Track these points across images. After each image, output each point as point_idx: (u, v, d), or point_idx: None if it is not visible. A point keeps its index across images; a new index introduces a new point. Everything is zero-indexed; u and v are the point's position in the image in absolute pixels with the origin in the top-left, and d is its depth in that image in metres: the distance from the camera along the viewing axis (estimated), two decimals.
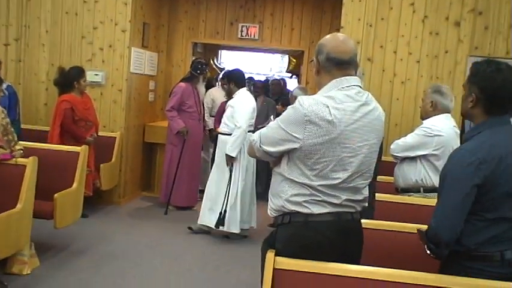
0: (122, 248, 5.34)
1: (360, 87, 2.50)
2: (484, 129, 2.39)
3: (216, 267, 5.07)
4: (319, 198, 2.41)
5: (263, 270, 2.45)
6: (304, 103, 2.36)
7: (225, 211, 5.70)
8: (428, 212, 3.81)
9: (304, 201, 2.42)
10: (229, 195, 5.73)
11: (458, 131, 5.58)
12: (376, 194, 3.71)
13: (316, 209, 2.42)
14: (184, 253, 5.39)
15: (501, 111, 2.42)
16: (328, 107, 2.34)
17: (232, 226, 5.74)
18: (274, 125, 2.47)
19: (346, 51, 2.46)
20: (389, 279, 2.37)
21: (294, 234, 2.46)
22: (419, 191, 4.15)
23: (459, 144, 5.13)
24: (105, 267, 4.84)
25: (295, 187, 2.43)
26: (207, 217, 5.83)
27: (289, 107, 2.45)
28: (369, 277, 2.38)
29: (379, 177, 4.15)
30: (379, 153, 3.80)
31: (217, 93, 7.62)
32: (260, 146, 2.50)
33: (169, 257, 5.25)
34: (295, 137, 2.36)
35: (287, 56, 10.23)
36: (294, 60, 9.61)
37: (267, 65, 13.60)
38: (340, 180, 2.40)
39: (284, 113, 2.46)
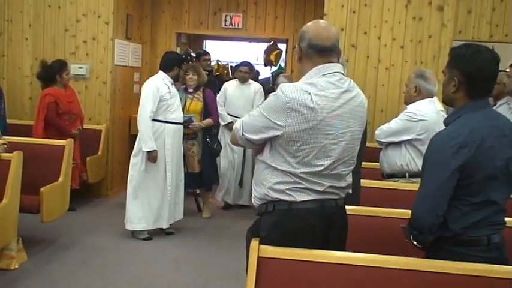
0: (109, 241, 5.33)
1: (342, 74, 2.50)
2: (464, 113, 2.39)
3: (203, 257, 5.08)
4: (302, 186, 2.42)
5: (248, 259, 2.46)
6: (286, 90, 2.36)
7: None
8: (414, 197, 3.89)
9: (287, 189, 2.42)
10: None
11: (445, 115, 5.67)
12: (362, 180, 3.72)
13: (300, 197, 2.42)
14: (171, 244, 5.40)
15: (483, 93, 2.43)
16: (310, 93, 2.34)
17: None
18: (256, 112, 2.46)
19: (328, 38, 2.45)
20: (374, 265, 2.38)
21: (278, 222, 2.46)
22: (404, 176, 4.17)
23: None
24: (93, 260, 4.83)
25: (278, 175, 2.43)
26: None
27: (271, 94, 2.45)
28: (354, 263, 2.39)
29: (365, 163, 4.15)
30: (364, 139, 3.84)
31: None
32: (243, 134, 2.50)
33: (157, 248, 5.25)
34: (277, 124, 2.36)
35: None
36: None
37: (253, 55, 13.55)
38: (323, 167, 2.41)
39: (266, 101, 2.45)
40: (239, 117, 5.19)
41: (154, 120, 5.31)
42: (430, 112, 4.13)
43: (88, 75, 6.86)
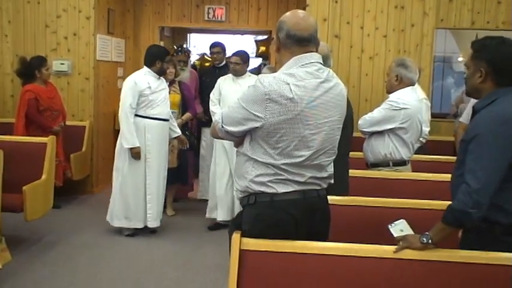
0: (94, 238, 5.30)
1: (321, 63, 2.48)
2: (499, 97, 2.41)
3: (189, 252, 5.06)
4: (284, 177, 2.40)
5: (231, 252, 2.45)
6: (264, 81, 2.34)
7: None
8: (400, 185, 3.91)
9: (269, 181, 2.41)
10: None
11: (429, 103, 5.68)
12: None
13: (281, 188, 2.41)
14: (157, 240, 5.37)
15: (510, 81, 2.45)
16: (288, 84, 2.33)
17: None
18: (235, 104, 2.44)
19: (306, 28, 2.44)
20: (357, 255, 2.39)
21: (260, 214, 2.45)
22: (388, 165, 4.18)
23: (426, 117, 5.21)
24: (79, 257, 4.80)
25: (259, 167, 2.42)
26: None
27: (250, 85, 2.43)
28: (336, 253, 2.40)
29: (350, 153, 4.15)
30: (351, 129, 3.84)
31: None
32: (222, 127, 2.48)
33: (142, 244, 5.22)
34: (256, 115, 2.34)
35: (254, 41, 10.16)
36: (263, 48, 9.59)
37: (239, 48, 13.49)
38: (303, 158, 2.39)
39: (245, 92, 2.43)
40: None
41: (136, 115, 5.24)
42: (412, 100, 4.14)
43: (70, 71, 6.79)
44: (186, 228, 5.76)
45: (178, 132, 5.71)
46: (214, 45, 6.85)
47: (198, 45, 11.89)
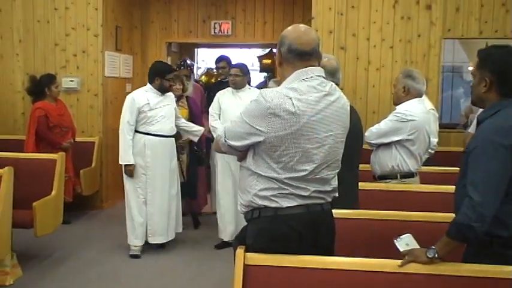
0: (104, 254, 5.32)
1: (324, 77, 2.49)
2: (502, 108, 2.40)
3: (197, 267, 5.05)
4: (287, 191, 2.40)
5: None
6: (267, 96, 2.35)
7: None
8: (407, 198, 3.89)
9: (272, 195, 2.40)
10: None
11: (437, 114, 5.67)
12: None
13: (285, 203, 2.40)
14: (165, 255, 5.35)
15: None
16: (290, 98, 2.33)
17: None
18: (238, 119, 2.45)
19: (307, 43, 2.45)
20: (362, 269, 2.38)
21: (263, 229, 2.45)
22: (396, 177, 4.15)
23: (434, 128, 5.19)
24: (89, 273, 4.82)
25: (263, 181, 2.42)
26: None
27: (252, 99, 2.43)
28: (341, 267, 2.39)
29: None
30: (361, 141, 3.82)
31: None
32: (225, 141, 2.48)
33: (150, 260, 5.22)
34: (258, 130, 2.35)
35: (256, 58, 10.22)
36: (267, 61, 9.65)
37: (247, 61, 13.55)
38: (307, 172, 2.39)
39: (247, 106, 2.44)
40: None
41: (137, 132, 5.26)
42: (419, 112, 4.12)
43: (79, 88, 6.87)
44: (196, 243, 5.75)
45: (197, 132, 5.69)
46: (219, 60, 6.89)
47: (207, 59, 11.97)
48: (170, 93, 5.52)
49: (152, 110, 5.24)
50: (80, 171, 6.38)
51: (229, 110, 5.42)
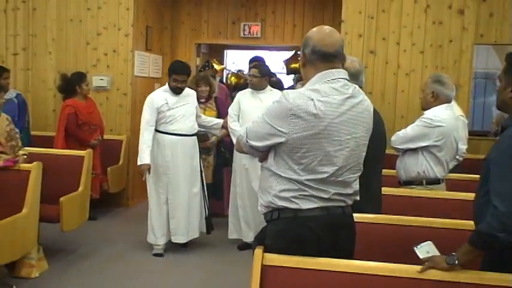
0: (128, 251, 5.37)
1: (347, 79, 2.47)
2: None
3: (217, 269, 5.04)
4: (307, 193, 2.39)
5: None
6: (289, 97, 2.34)
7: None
8: (431, 205, 3.83)
9: (293, 197, 2.39)
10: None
11: (466, 121, 5.57)
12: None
13: (305, 204, 2.39)
14: (187, 255, 5.36)
15: None
16: (312, 100, 2.32)
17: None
18: (260, 119, 2.45)
19: (332, 44, 2.43)
20: (380, 273, 2.35)
21: (283, 230, 2.44)
22: (421, 184, 4.10)
23: (463, 134, 5.11)
24: (113, 269, 4.88)
25: (283, 182, 2.41)
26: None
27: (275, 101, 2.43)
28: (358, 271, 2.36)
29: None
30: (384, 145, 3.77)
31: None
32: (247, 141, 2.49)
33: (173, 259, 5.24)
34: (280, 131, 2.34)
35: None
36: (294, 65, 9.63)
37: (277, 63, 13.53)
38: (328, 174, 2.37)
39: (269, 107, 2.44)
40: None
41: (158, 131, 5.27)
42: (447, 118, 4.06)
43: (109, 86, 6.96)
44: (217, 244, 5.71)
45: (217, 125, 5.66)
46: (253, 60, 6.81)
47: (237, 61, 12.00)
48: (191, 92, 5.48)
49: (171, 110, 5.23)
50: (108, 168, 6.46)
51: (249, 111, 5.33)
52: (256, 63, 5.90)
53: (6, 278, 4.43)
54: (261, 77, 5.41)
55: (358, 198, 2.57)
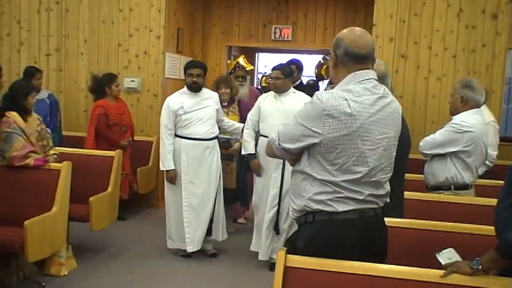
0: (156, 251, 5.41)
1: (377, 80, 2.49)
2: None
3: (239, 274, 5.03)
4: (343, 195, 2.39)
5: None
6: (322, 97, 2.36)
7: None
8: (459, 210, 3.77)
9: (328, 199, 2.40)
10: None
11: (497, 126, 5.48)
12: (405, 192, 3.63)
13: (340, 207, 2.40)
14: (210, 260, 5.34)
15: None
16: (346, 99, 2.34)
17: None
18: (292, 121, 2.46)
19: (364, 46, 2.45)
20: (401, 277, 2.33)
21: (317, 233, 2.44)
22: (450, 189, 4.07)
23: (494, 140, 5.02)
24: (141, 269, 4.93)
25: (318, 185, 2.42)
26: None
27: (307, 102, 2.45)
28: (380, 275, 2.35)
29: (408, 175, 4.03)
30: (408, 148, 3.74)
31: None
32: (279, 144, 2.50)
33: (203, 261, 5.27)
34: (315, 131, 2.36)
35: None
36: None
37: (311, 67, 13.50)
38: (362, 175, 2.39)
39: (302, 109, 2.45)
40: None
41: (176, 136, 5.21)
42: (476, 123, 4.02)
43: (140, 88, 7.04)
44: (240, 249, 5.63)
45: (237, 129, 5.54)
46: (289, 63, 6.53)
47: (269, 64, 12.00)
48: (213, 95, 5.37)
49: (187, 113, 5.13)
50: (137, 169, 6.53)
51: (270, 116, 5.05)
52: (277, 65, 5.59)
53: (35, 275, 4.52)
54: (284, 78, 5.13)
55: (388, 200, 2.57)
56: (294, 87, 5.95)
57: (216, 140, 5.34)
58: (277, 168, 4.94)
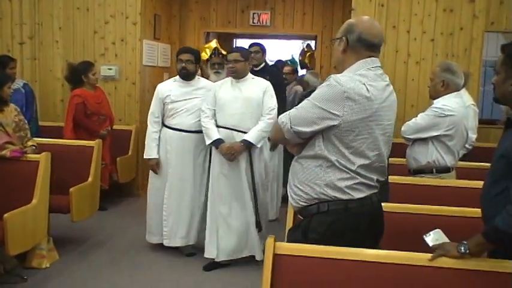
0: (139, 241, 5.35)
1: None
2: None
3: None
4: (358, 181, 2.43)
5: None
6: (341, 80, 2.37)
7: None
8: (442, 193, 3.80)
9: (346, 186, 2.42)
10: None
11: (477, 109, 5.52)
12: (389, 176, 3.65)
13: (356, 194, 2.44)
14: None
15: None
16: (364, 84, 2.37)
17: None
18: (306, 104, 2.44)
19: (376, 35, 2.51)
20: (389, 261, 2.35)
21: (334, 222, 2.45)
22: (432, 172, 4.09)
23: (473, 123, 5.05)
24: (123, 259, 4.90)
25: (333, 172, 2.43)
26: None
27: (322, 85, 2.45)
28: (369, 259, 2.36)
29: (391, 159, 4.05)
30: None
31: None
32: (291, 127, 2.46)
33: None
34: (334, 114, 2.35)
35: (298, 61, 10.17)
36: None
37: (288, 52, 13.49)
38: (373, 159, 2.44)
39: (317, 92, 2.44)
40: (237, 130, 4.62)
41: (163, 125, 5.03)
42: (457, 107, 4.03)
43: (117, 76, 6.94)
44: None
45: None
46: (252, 45, 6.23)
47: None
48: (208, 85, 5.02)
49: (174, 103, 4.91)
50: (117, 159, 6.47)
51: (227, 105, 4.64)
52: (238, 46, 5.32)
53: (17, 268, 4.44)
54: (244, 61, 4.66)
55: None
56: (259, 70, 5.97)
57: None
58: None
